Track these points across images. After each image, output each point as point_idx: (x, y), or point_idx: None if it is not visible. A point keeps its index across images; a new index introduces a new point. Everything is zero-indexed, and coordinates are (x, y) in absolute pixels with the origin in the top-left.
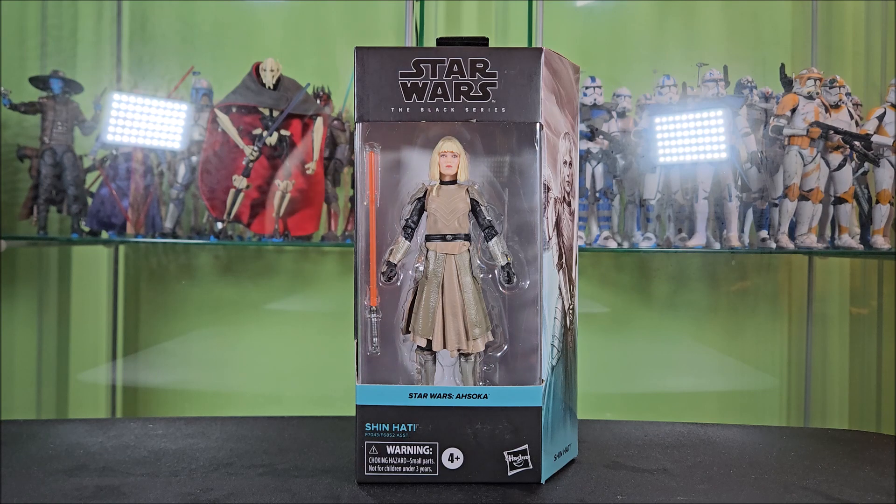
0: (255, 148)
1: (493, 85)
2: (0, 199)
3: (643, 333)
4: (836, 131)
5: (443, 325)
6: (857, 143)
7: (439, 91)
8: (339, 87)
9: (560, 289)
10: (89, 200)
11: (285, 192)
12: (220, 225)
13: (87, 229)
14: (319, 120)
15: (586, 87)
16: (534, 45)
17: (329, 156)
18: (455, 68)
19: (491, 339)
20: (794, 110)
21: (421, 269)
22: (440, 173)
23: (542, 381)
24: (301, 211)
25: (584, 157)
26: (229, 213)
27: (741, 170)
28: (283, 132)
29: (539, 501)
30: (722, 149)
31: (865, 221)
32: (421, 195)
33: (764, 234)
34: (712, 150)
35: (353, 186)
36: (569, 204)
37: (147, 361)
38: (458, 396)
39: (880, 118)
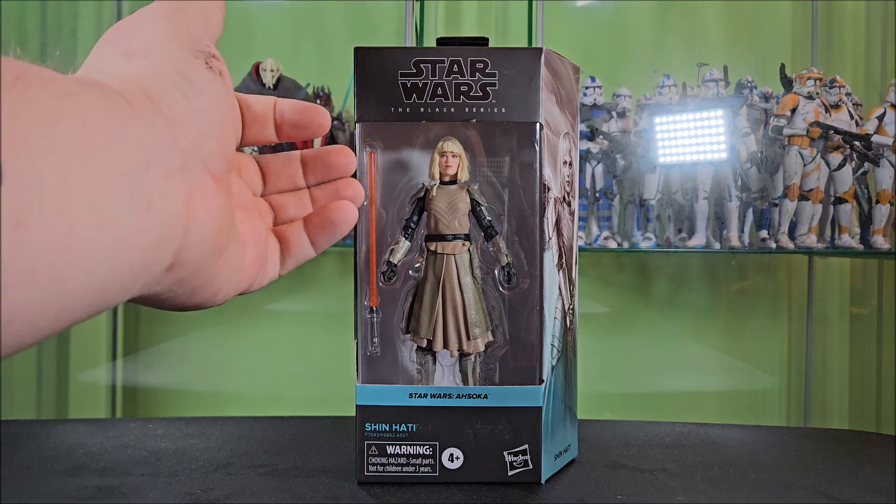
0: (255, 148)
1: (493, 85)
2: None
3: (643, 333)
4: (836, 131)
5: (443, 326)
6: (857, 143)
7: (439, 91)
8: (339, 87)
9: (560, 289)
10: None
11: None
12: None
13: None
14: None
15: (586, 87)
16: (534, 45)
17: None
18: (455, 68)
19: (491, 339)
20: (794, 110)
21: (421, 269)
22: (440, 173)
23: (542, 381)
24: None
25: (584, 157)
26: None
27: (741, 170)
28: None
29: (539, 501)
30: (722, 149)
31: (865, 221)
32: (421, 195)
33: (764, 234)
34: (712, 150)
35: None
36: (569, 204)
37: (147, 362)
38: (458, 396)
39: (880, 118)
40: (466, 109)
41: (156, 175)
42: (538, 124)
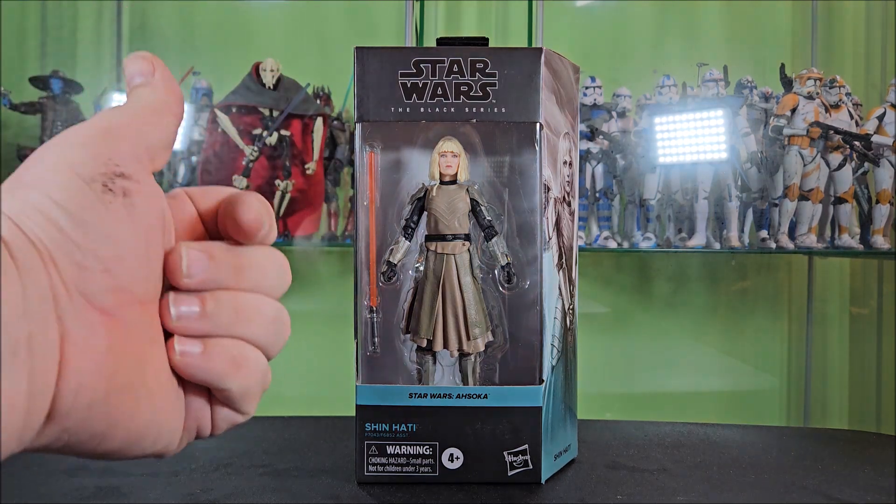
0: (255, 148)
1: (493, 85)
2: (0, 199)
3: (643, 333)
4: (836, 131)
5: (443, 325)
6: (857, 143)
7: (439, 91)
8: (339, 87)
9: (560, 289)
10: None
11: (285, 192)
12: None
13: None
14: (319, 120)
15: (586, 87)
16: (534, 45)
17: (329, 156)
18: (455, 68)
19: (491, 339)
20: (794, 110)
21: (421, 269)
22: (440, 173)
23: (542, 381)
24: (301, 211)
25: (584, 157)
26: None
27: (741, 170)
28: (283, 132)
29: (539, 501)
30: (722, 149)
31: (865, 221)
32: (421, 195)
33: (764, 234)
34: (712, 150)
35: (353, 186)
36: (569, 204)
37: None
38: (458, 396)
39: (880, 118)
40: (466, 109)
41: (27, 323)
42: (538, 124)
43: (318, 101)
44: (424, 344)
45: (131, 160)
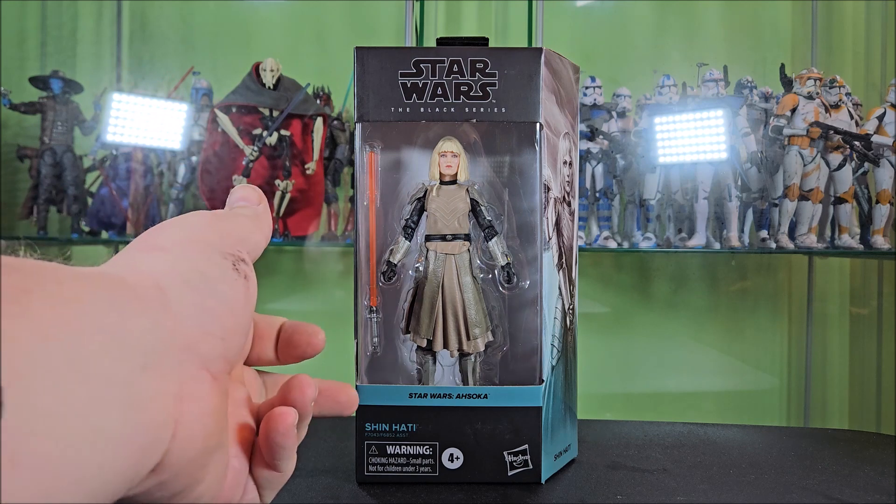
0: (255, 148)
1: (493, 85)
2: (0, 199)
3: (643, 333)
4: (836, 131)
5: (443, 325)
6: (857, 143)
7: (439, 91)
8: (339, 87)
9: (560, 289)
10: (89, 200)
11: (285, 192)
12: None
13: (87, 229)
14: (319, 120)
15: (586, 87)
16: (534, 45)
17: (329, 156)
18: (455, 68)
19: (491, 339)
20: (794, 110)
21: (421, 269)
22: (440, 173)
23: (542, 381)
24: (301, 211)
25: (584, 157)
26: None
27: (741, 170)
28: (283, 132)
29: (539, 501)
30: (722, 149)
31: (865, 221)
32: (421, 195)
33: (764, 234)
34: (712, 150)
35: (353, 186)
36: (569, 204)
37: None
38: (458, 396)
39: (880, 118)
40: (466, 109)
41: (152, 376)
42: (538, 124)
43: (318, 101)
44: (424, 344)
45: (245, 252)
